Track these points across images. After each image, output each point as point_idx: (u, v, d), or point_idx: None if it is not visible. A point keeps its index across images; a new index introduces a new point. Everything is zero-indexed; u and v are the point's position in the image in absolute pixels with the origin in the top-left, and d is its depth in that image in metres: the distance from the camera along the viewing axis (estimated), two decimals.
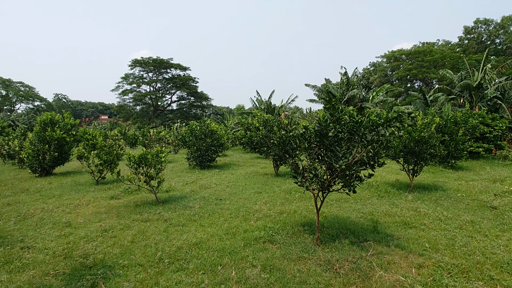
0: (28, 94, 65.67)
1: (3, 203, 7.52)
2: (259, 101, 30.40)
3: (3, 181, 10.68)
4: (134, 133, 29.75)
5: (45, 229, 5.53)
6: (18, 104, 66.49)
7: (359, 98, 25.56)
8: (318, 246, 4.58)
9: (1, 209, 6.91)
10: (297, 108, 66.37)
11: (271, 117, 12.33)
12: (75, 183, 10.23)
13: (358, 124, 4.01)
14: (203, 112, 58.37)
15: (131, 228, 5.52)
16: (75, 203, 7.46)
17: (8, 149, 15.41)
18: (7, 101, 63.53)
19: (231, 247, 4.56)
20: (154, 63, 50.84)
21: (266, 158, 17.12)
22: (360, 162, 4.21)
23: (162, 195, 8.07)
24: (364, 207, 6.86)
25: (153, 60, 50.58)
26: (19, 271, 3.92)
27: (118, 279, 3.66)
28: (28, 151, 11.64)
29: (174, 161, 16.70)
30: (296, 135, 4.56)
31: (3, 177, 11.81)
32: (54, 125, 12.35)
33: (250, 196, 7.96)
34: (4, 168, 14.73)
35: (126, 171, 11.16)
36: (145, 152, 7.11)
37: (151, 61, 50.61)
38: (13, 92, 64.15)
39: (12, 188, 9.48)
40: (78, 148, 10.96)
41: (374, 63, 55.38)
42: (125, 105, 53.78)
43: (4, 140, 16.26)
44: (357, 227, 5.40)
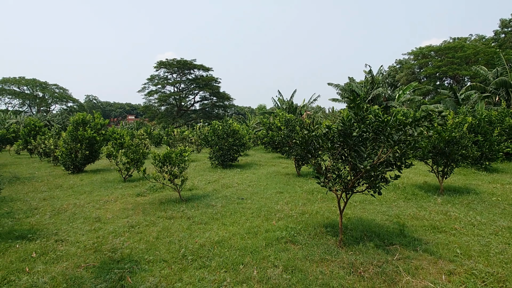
0: (62, 96, 69.52)
1: (39, 198, 8.02)
2: (281, 101, 30.28)
3: (39, 178, 11.39)
4: (159, 133, 30.68)
5: (77, 224, 5.83)
6: (53, 105, 70.64)
7: (385, 97, 24.75)
8: (341, 248, 4.49)
9: (38, 204, 7.37)
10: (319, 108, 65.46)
11: (293, 117, 12.24)
12: (104, 180, 10.70)
13: (384, 123, 3.88)
14: (225, 112, 59.06)
15: (156, 224, 5.69)
16: (104, 199, 7.80)
17: (44, 147, 16.41)
18: (44, 102, 67.65)
19: (252, 246, 4.57)
20: (178, 64, 52.11)
21: (287, 158, 17.02)
22: (386, 163, 4.08)
23: (185, 194, 8.26)
24: (389, 209, 6.63)
25: (177, 62, 51.86)
26: (54, 262, 4.16)
27: (143, 273, 3.79)
28: (62, 150, 12.34)
29: (197, 160, 17.03)
30: (319, 135, 4.50)
31: (40, 173, 12.60)
32: (86, 125, 13.00)
33: (272, 196, 7.95)
34: (40, 165, 15.71)
35: (151, 169, 11.53)
36: (170, 151, 7.30)
37: (175, 63, 51.92)
38: (49, 94, 68.22)
39: (48, 184, 10.09)
40: (107, 147, 11.46)
41: (400, 61, 53.41)
42: (151, 106, 55.58)
43: (40, 139, 17.33)
44: (382, 230, 5.23)
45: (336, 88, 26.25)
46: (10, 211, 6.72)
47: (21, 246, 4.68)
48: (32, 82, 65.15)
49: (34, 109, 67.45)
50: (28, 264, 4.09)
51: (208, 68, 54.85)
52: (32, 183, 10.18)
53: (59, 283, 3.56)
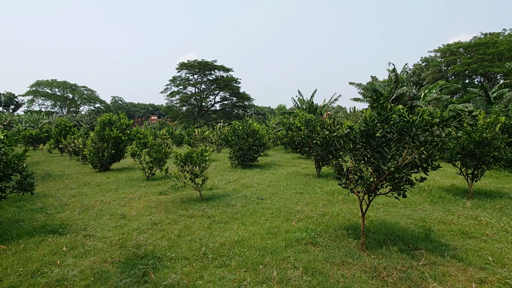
0: (90, 97, 72.71)
1: (69, 194, 8.43)
2: (300, 101, 30.02)
3: (69, 175, 11.98)
4: (180, 133, 31.34)
5: (104, 220, 6.08)
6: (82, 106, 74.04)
7: (409, 96, 23.88)
8: (363, 251, 4.38)
9: (68, 200, 7.75)
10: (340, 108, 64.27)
11: (313, 117, 12.10)
12: (129, 178, 11.08)
13: (410, 123, 3.74)
14: (245, 112, 59.41)
15: (177, 222, 5.82)
16: (128, 197, 8.09)
17: (73, 146, 17.25)
18: (73, 103, 71.07)
19: (272, 246, 4.57)
20: (199, 66, 53.02)
21: (307, 159, 16.84)
22: (411, 164, 3.93)
23: (205, 193, 8.38)
24: (414, 212, 6.40)
25: (198, 63, 52.79)
26: (82, 256, 4.36)
27: (166, 270, 3.89)
28: (90, 149, 12.91)
29: (217, 160, 17.24)
30: (340, 135, 4.41)
31: (70, 171, 13.26)
32: (112, 125, 13.53)
33: (292, 197, 7.90)
34: (70, 163, 16.53)
35: (173, 168, 11.81)
36: (191, 150, 7.45)
37: (197, 64, 52.86)
38: (78, 96, 71.60)
39: (77, 181, 10.59)
40: (132, 146, 11.86)
41: (426, 58, 51.27)
42: (173, 106, 56.94)
43: (70, 138, 18.23)
44: (406, 234, 5.06)
45: (358, 88, 25.64)
46: (43, 207, 7.12)
47: (53, 240, 4.95)
48: (63, 84, 68.72)
49: (65, 110, 71.07)
50: (59, 257, 4.32)
51: (229, 69, 55.41)
52: (63, 180, 10.73)
53: (87, 277, 3.72)
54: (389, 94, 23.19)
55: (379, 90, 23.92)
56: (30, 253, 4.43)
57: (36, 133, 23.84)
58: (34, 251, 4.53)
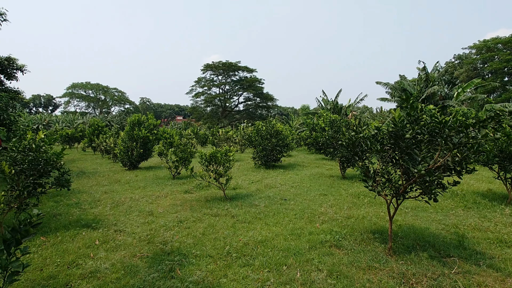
0: (120, 98, 76.10)
1: (101, 191, 8.88)
2: (325, 101, 29.55)
3: (101, 173, 12.62)
4: (204, 133, 31.94)
5: (133, 216, 6.35)
6: (113, 107, 77.64)
7: (441, 96, 22.72)
8: (390, 256, 4.24)
9: (100, 196, 8.17)
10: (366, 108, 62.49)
11: (338, 117, 11.86)
12: (156, 177, 11.47)
13: (442, 124, 3.57)
14: (268, 112, 59.45)
15: (202, 221, 5.95)
16: (156, 194, 8.37)
17: (105, 145, 18.14)
18: (105, 104, 74.74)
19: (296, 248, 4.54)
20: (224, 67, 53.77)
21: (331, 160, 16.53)
22: (443, 167, 3.75)
23: (229, 192, 8.49)
24: (446, 218, 6.09)
25: (222, 64, 53.55)
26: (113, 250, 4.58)
27: (191, 267, 3.99)
28: (120, 148, 13.52)
29: (240, 160, 17.38)
30: (367, 136, 4.30)
31: (101, 169, 13.96)
32: (140, 125, 14.07)
33: (315, 198, 7.80)
34: (102, 161, 17.39)
35: (198, 168, 12.06)
36: (215, 150, 7.58)
37: (221, 65, 53.65)
38: (109, 97, 75.20)
39: (108, 178, 11.13)
40: (159, 146, 12.27)
41: (459, 56, 48.49)
42: (197, 107, 58.20)
43: (102, 138, 19.19)
44: (437, 240, 4.82)
45: (385, 87, 24.78)
46: (77, 202, 7.56)
47: (87, 234, 5.24)
48: (96, 86, 72.53)
49: (97, 110, 74.94)
50: (92, 250, 4.57)
51: (252, 70, 55.71)
52: (95, 178, 11.32)
53: (118, 270, 3.91)
54: (419, 94, 22.20)
55: (408, 90, 22.98)
56: (66, 245, 4.72)
57: (71, 133, 25.32)
58: (70, 243, 4.82)
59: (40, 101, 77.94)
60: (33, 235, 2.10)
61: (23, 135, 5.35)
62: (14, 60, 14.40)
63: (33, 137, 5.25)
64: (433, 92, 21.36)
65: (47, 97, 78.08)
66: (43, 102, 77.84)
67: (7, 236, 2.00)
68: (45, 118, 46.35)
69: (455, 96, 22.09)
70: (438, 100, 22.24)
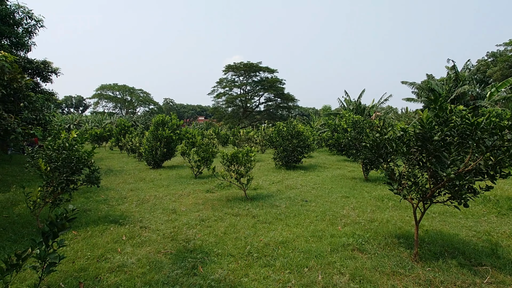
0: (145, 99, 78.64)
1: (128, 188, 9.24)
2: (347, 101, 28.96)
3: (127, 171, 13.12)
4: (225, 133, 32.32)
5: (157, 213, 6.55)
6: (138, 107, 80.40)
7: (472, 96, 21.58)
8: (416, 262, 4.10)
9: (126, 194, 8.51)
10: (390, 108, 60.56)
11: (360, 118, 11.59)
12: (179, 176, 11.76)
13: (474, 126, 3.41)
14: (289, 113, 59.09)
15: (223, 220, 6.03)
16: (178, 193, 8.59)
17: (131, 145, 18.83)
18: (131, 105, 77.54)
19: (317, 250, 4.50)
20: (245, 67, 54.09)
21: (354, 161, 16.17)
22: (474, 171, 3.57)
23: (250, 192, 8.54)
24: (477, 224, 5.78)
25: (243, 65, 53.89)
26: (139, 246, 4.76)
27: (213, 265, 4.07)
28: (145, 147, 13.99)
29: (261, 160, 17.42)
30: (393, 138, 4.18)
31: (127, 167, 14.51)
32: (164, 125, 14.49)
33: (337, 200, 7.67)
34: (128, 160, 18.07)
35: (219, 167, 12.23)
36: (237, 151, 7.65)
37: (242, 66, 54.01)
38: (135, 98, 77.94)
39: (134, 177, 11.55)
40: (182, 145, 12.57)
41: (493, 53, 45.76)
42: (219, 107, 58.95)
43: (128, 137, 19.94)
44: (468, 248, 4.60)
45: (412, 87, 23.89)
46: (106, 198, 7.91)
47: (114, 229, 5.48)
48: (123, 87, 75.44)
49: (124, 111, 77.90)
50: (120, 245, 4.77)
51: (273, 70, 55.63)
52: (122, 176, 11.78)
53: (144, 265, 4.06)
54: (448, 94, 21.22)
55: (436, 90, 22.02)
56: (96, 240, 4.96)
57: (100, 132, 26.50)
58: (99, 238, 5.06)
59: (72, 102, 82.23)
60: (68, 229, 2.23)
61: (57, 134, 5.68)
62: (49, 64, 15.32)
63: (66, 137, 5.57)
64: (463, 92, 20.34)
65: (78, 98, 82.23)
66: (74, 103, 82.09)
67: (46, 229, 2.15)
68: (76, 118, 48.84)
69: (487, 96, 20.90)
70: (468, 101, 21.15)
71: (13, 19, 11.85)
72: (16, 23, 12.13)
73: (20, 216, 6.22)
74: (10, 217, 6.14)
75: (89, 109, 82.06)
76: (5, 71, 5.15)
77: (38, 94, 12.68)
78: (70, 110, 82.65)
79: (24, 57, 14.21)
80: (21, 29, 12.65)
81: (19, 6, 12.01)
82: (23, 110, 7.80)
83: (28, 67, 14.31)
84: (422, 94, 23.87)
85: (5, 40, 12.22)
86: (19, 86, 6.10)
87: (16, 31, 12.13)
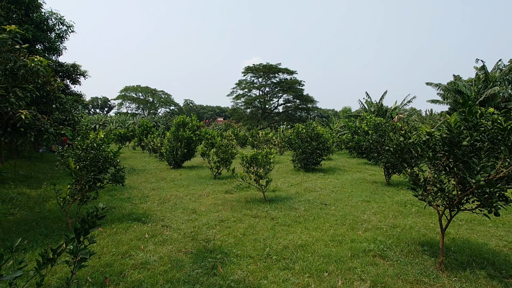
0: (166, 101, 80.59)
1: (150, 188, 9.52)
2: (368, 103, 28.33)
3: (149, 170, 13.51)
4: (244, 134, 32.52)
5: (177, 213, 6.71)
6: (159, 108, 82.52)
7: (503, 97, 20.46)
8: (441, 271, 3.95)
9: (148, 193, 8.76)
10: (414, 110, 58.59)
11: (383, 120, 11.30)
12: (198, 176, 11.97)
13: (507, 131, 3.25)
14: (308, 114, 58.61)
15: (242, 221, 6.08)
16: (198, 193, 8.74)
17: (152, 145, 19.38)
18: (153, 106, 79.71)
19: (337, 255, 4.44)
20: (264, 69, 54.25)
21: (375, 165, 15.78)
22: (506, 178, 3.40)
23: (269, 194, 8.55)
24: (509, 234, 5.49)
25: (263, 66, 54.07)
26: (161, 244, 4.89)
27: (232, 266, 4.11)
28: (166, 147, 14.35)
29: (279, 162, 17.39)
30: (418, 143, 4.06)
31: (149, 167, 14.94)
32: (185, 126, 14.80)
33: (357, 204, 7.53)
34: (149, 159, 18.60)
35: (238, 168, 12.33)
36: (256, 152, 7.69)
37: (261, 67, 54.20)
38: (157, 99, 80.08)
39: (155, 176, 11.88)
40: (201, 146, 12.79)
41: None
42: (238, 108, 59.44)
43: (150, 137, 20.52)
44: (498, 258, 4.38)
45: (437, 88, 23.01)
46: (129, 197, 8.19)
47: (137, 227, 5.66)
48: (145, 89, 77.74)
49: (146, 111, 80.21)
50: (142, 243, 4.92)
51: (292, 71, 55.42)
52: (144, 175, 12.15)
53: (165, 263, 4.17)
54: (476, 95, 20.26)
55: (463, 91, 21.08)
56: (120, 237, 5.15)
57: (124, 132, 27.47)
58: (123, 235, 5.25)
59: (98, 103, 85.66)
60: (98, 226, 2.35)
61: (86, 134, 5.95)
62: (78, 67, 16.08)
63: (94, 137, 5.83)
64: (494, 93, 19.33)
65: (103, 99, 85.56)
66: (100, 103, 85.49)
67: (78, 226, 2.27)
68: (102, 119, 50.87)
69: None
70: (500, 103, 20.08)
71: (46, 25, 12.62)
72: (49, 29, 12.89)
73: (50, 212, 6.58)
74: (42, 213, 6.50)
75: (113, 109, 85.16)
76: (40, 74, 5.46)
77: (68, 96, 13.34)
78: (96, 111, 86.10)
79: (56, 61, 15.01)
80: (53, 34, 13.40)
81: (52, 13, 12.77)
82: (54, 111, 8.23)
83: (59, 70, 15.10)
84: (448, 95, 22.95)
85: (39, 45, 12.98)
86: (52, 89, 6.45)
87: (49, 37, 12.88)
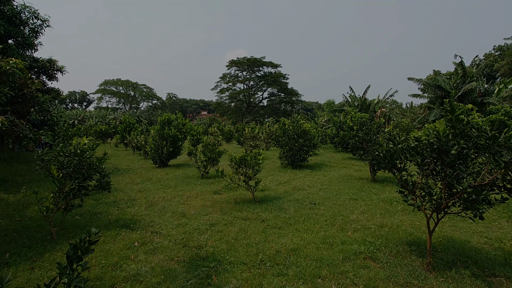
0: (148, 94, 78.64)
1: (136, 189, 9.30)
2: (352, 98, 28.79)
3: (134, 170, 13.19)
4: (229, 129, 32.31)
5: (167, 217, 6.59)
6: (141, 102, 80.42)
7: (480, 92, 21.32)
8: (429, 272, 4.10)
9: (135, 195, 8.57)
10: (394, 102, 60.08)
11: (366, 116, 11.48)
12: (185, 175, 11.81)
13: (492, 140, 3.37)
14: (292, 108, 58.94)
15: (233, 225, 6.06)
16: (186, 194, 8.63)
17: (136, 142, 18.91)
18: (134, 100, 77.58)
19: (329, 258, 4.52)
20: (248, 62, 53.85)
21: (359, 160, 16.13)
22: (491, 184, 3.54)
23: (258, 194, 8.56)
24: (488, 230, 5.77)
25: (247, 60, 53.64)
26: (152, 253, 4.80)
27: (227, 274, 4.10)
28: (151, 146, 14.03)
29: (266, 158, 17.42)
30: (406, 148, 4.16)
31: (134, 166, 14.58)
32: (170, 124, 14.50)
33: (346, 203, 7.67)
34: (133, 158, 18.16)
35: (224, 166, 12.26)
36: (245, 154, 7.66)
37: (246, 61, 53.77)
38: (138, 93, 77.96)
39: (141, 176, 11.61)
40: (188, 146, 12.58)
41: (501, 47, 44.94)
42: (222, 102, 58.93)
43: (133, 135, 20.00)
44: (480, 256, 4.60)
45: (418, 83, 23.66)
46: (115, 200, 7.97)
47: (126, 235, 5.53)
48: (126, 83, 75.46)
49: (127, 106, 78.02)
50: (133, 252, 4.81)
51: (277, 65, 55.34)
52: (129, 175, 11.85)
53: (158, 274, 4.10)
54: (455, 91, 21.00)
55: (442, 86, 21.77)
56: (109, 246, 5.01)
57: (105, 129, 26.62)
58: (112, 244, 5.11)
59: (76, 97, 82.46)
60: (92, 252, 2.25)
61: (66, 135, 5.70)
62: (55, 62, 15.32)
63: (77, 143, 5.59)
64: (471, 88, 20.11)
65: (82, 94, 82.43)
66: (78, 98, 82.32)
67: (70, 253, 2.17)
68: (80, 114, 49.04)
69: (495, 93, 20.67)
70: (476, 97, 20.93)
71: (19, 19, 11.86)
72: (22, 23, 12.13)
73: (32, 220, 6.30)
74: (23, 221, 6.22)
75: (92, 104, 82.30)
76: (16, 77, 5.16)
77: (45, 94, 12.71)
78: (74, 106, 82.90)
79: (30, 56, 14.22)
80: (27, 29, 12.63)
81: (25, 6, 12.00)
82: (32, 112, 7.83)
83: (34, 65, 14.34)
84: (428, 90, 23.66)
85: (12, 40, 12.22)
86: (29, 92, 6.11)
87: (22, 32, 12.12)
